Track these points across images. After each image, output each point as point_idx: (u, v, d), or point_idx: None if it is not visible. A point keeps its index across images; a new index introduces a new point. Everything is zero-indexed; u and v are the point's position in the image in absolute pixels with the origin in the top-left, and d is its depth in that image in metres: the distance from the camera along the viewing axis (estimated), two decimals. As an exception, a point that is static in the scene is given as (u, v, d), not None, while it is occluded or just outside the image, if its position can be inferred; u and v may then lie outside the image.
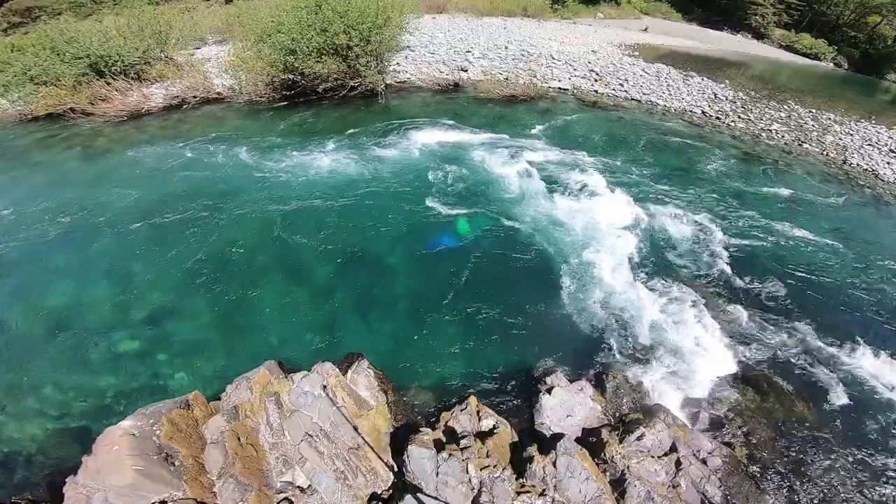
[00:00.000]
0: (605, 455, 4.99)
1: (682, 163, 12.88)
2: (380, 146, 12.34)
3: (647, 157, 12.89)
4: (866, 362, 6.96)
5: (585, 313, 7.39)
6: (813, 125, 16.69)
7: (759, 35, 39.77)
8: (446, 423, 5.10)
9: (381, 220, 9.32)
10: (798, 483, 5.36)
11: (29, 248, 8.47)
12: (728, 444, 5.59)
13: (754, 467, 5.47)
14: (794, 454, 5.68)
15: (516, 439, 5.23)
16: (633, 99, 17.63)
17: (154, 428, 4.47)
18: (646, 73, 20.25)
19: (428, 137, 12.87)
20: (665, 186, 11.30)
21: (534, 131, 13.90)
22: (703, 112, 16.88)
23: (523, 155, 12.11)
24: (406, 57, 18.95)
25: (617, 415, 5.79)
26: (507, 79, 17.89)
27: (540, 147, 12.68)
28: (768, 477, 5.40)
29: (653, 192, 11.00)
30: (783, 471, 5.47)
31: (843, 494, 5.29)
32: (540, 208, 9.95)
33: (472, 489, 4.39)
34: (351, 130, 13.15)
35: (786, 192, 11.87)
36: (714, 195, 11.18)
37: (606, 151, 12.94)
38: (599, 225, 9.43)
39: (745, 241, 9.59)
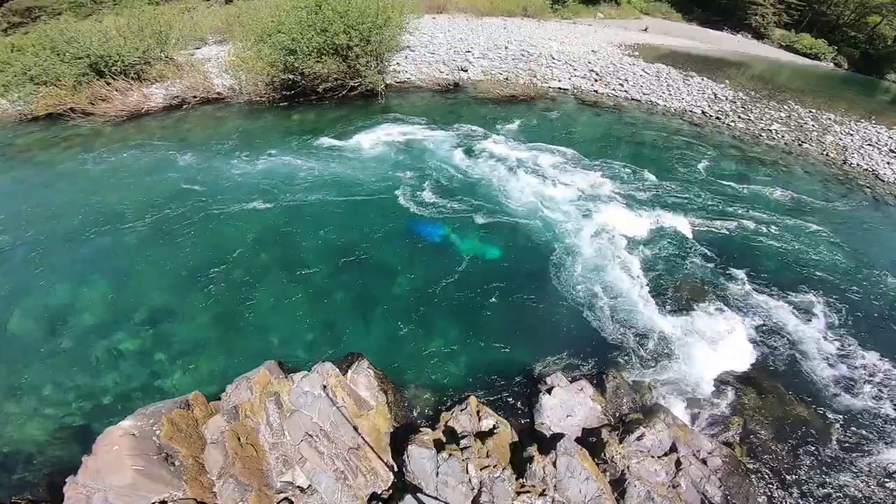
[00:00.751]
0: (605, 455, 4.99)
1: (682, 162, 12.88)
2: (379, 146, 12.34)
3: (646, 157, 12.88)
4: (866, 362, 6.98)
5: (585, 313, 7.39)
6: (813, 125, 16.68)
7: (759, 35, 39.77)
8: (446, 423, 5.11)
9: (379, 220, 9.32)
10: (798, 483, 5.36)
11: (29, 248, 8.46)
12: (728, 444, 5.58)
13: (754, 467, 5.48)
14: (794, 454, 5.68)
15: (516, 439, 5.23)
16: (633, 99, 17.63)
17: (154, 428, 4.47)
18: (646, 73, 20.24)
19: (427, 138, 12.87)
20: (664, 186, 11.30)
21: (533, 131, 13.90)
22: (703, 112, 16.88)
23: (521, 155, 12.12)
24: (406, 57, 18.94)
25: (617, 415, 5.78)
26: (507, 79, 17.89)
27: (539, 147, 12.67)
28: (768, 477, 5.40)
29: (652, 191, 11.00)
30: (783, 471, 5.48)
31: (843, 494, 5.29)
32: (538, 208, 9.96)
33: (472, 489, 4.39)
34: (350, 130, 13.15)
35: (785, 192, 11.87)
36: (713, 195, 11.18)
37: (606, 151, 12.94)
38: (598, 225, 9.44)
39: (745, 241, 9.60)
